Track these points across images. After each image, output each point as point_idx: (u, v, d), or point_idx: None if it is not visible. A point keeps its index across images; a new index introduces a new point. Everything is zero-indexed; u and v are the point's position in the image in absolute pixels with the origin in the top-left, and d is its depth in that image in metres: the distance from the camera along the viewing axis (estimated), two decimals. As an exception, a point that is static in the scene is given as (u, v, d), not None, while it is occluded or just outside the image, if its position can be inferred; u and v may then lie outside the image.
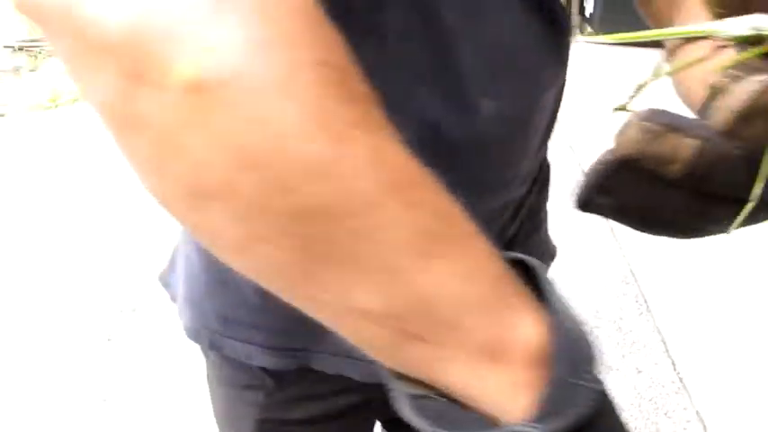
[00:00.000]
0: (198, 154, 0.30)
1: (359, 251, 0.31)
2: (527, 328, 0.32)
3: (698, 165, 0.31)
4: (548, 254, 0.80)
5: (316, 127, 0.30)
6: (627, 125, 0.33)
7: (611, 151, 0.34)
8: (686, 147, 0.31)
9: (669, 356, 2.02)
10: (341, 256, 0.31)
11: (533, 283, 0.34)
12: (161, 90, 0.29)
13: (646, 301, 2.24)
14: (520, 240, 0.70)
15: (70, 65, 0.32)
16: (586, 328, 0.32)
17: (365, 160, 0.31)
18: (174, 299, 0.77)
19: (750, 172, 0.32)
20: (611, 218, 0.38)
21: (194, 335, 0.70)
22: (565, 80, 0.62)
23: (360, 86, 0.33)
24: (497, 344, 0.32)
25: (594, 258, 2.54)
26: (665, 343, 2.07)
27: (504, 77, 0.54)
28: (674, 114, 0.33)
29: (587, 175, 0.35)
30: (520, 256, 0.35)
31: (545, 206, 0.76)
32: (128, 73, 0.29)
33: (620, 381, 1.98)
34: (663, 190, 0.34)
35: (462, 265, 0.32)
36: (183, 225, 0.34)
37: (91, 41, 0.30)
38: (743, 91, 0.30)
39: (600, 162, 0.34)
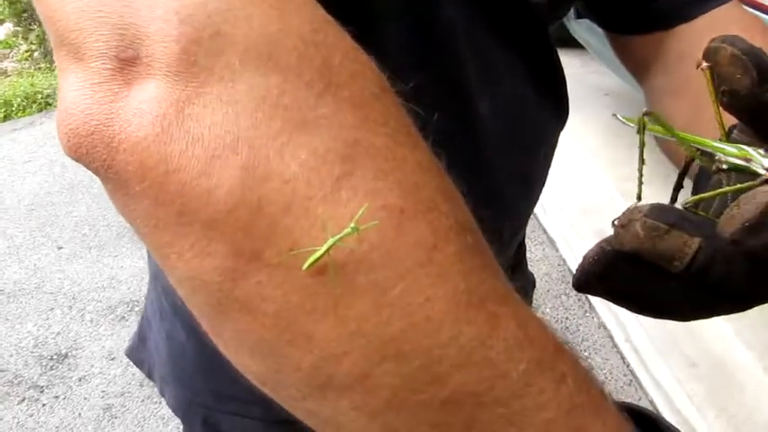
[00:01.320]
0: (329, 343, 0.26)
1: None
2: None
3: (699, 262, 0.31)
4: (530, 283, 0.84)
5: (469, 307, 0.27)
6: (630, 220, 0.32)
7: (609, 241, 0.33)
8: (689, 245, 0.31)
9: (618, 351, 2.07)
10: None
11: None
12: (283, 271, 0.26)
13: (588, 299, 2.29)
14: (516, 276, 0.73)
15: (154, 235, 0.27)
16: None
17: (516, 339, 0.28)
18: (150, 376, 0.73)
19: (752, 274, 0.32)
20: (610, 301, 0.37)
21: (183, 412, 0.67)
22: (558, 136, 0.66)
23: (487, 246, 0.30)
24: None
25: (532, 261, 2.58)
26: (611, 338, 2.12)
27: (514, 132, 0.56)
28: (678, 211, 0.32)
29: (584, 260, 0.34)
30: (639, 408, 0.34)
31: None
32: (240, 251, 0.26)
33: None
34: (662, 281, 0.33)
35: None
36: (293, 411, 0.30)
37: (190, 213, 0.25)
38: (754, 203, 0.29)
39: (597, 252, 0.34)
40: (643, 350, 2.03)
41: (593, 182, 2.84)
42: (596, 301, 2.25)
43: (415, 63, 0.45)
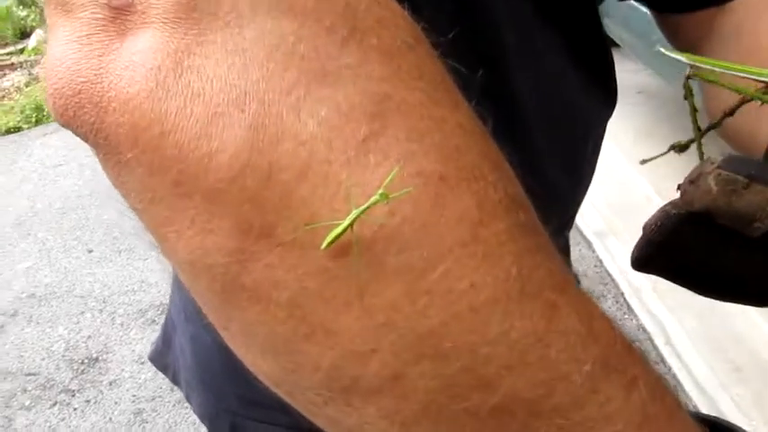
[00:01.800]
0: (353, 338, 0.22)
1: None
2: None
3: None
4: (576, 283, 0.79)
5: (522, 296, 0.23)
6: (701, 174, 0.27)
7: (676, 203, 0.28)
8: None
9: (659, 354, 2.01)
10: None
11: None
12: (298, 251, 0.22)
13: (626, 301, 2.23)
14: None
15: (150, 211, 0.24)
16: None
17: (578, 334, 0.24)
18: (175, 381, 0.69)
19: None
20: (673, 281, 0.32)
21: (210, 419, 0.63)
22: (606, 123, 0.61)
23: (541, 226, 0.26)
24: None
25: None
26: (651, 341, 2.06)
27: (557, 112, 0.52)
28: (756, 162, 0.27)
29: (646, 229, 0.30)
30: (713, 418, 0.30)
31: None
32: (247, 227, 0.22)
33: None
34: (739, 251, 0.28)
35: None
36: (313, 418, 0.26)
37: (188, 182, 0.22)
38: None
39: (661, 217, 0.29)
40: (685, 354, 1.96)
41: (629, 181, 2.77)
42: (635, 303, 2.19)
43: (448, 26, 0.43)
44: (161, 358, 0.71)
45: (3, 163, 4.00)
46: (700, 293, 0.32)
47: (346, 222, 0.21)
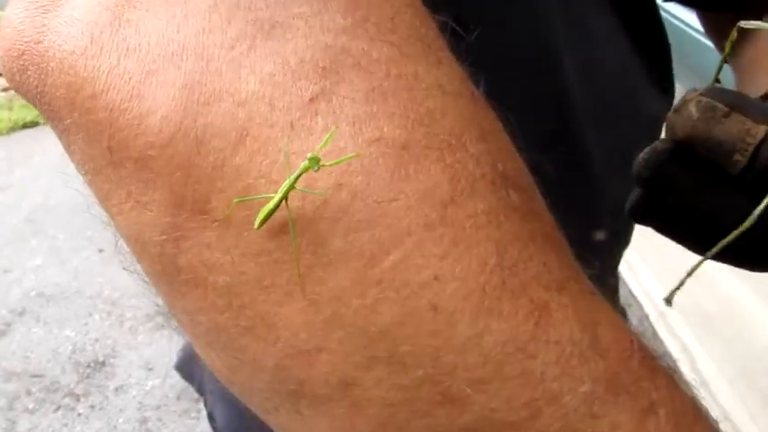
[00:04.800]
0: (296, 334, 0.19)
1: None
2: None
3: (765, 156, 0.25)
4: (623, 315, 0.77)
5: (502, 292, 0.19)
6: (685, 102, 0.27)
7: (663, 138, 0.29)
8: (752, 134, 0.25)
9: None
10: None
11: None
12: (234, 230, 0.19)
13: (651, 324, 2.17)
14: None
15: (95, 184, 0.23)
16: None
17: (576, 344, 0.20)
18: (201, 392, 0.66)
19: None
20: (668, 235, 0.32)
21: None
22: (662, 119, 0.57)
23: (548, 214, 0.23)
24: None
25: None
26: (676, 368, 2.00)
27: (608, 110, 0.49)
28: (738, 93, 0.27)
29: (636, 166, 0.30)
30: None
31: None
32: (180, 200, 0.20)
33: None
34: (724, 192, 0.28)
35: None
36: (272, 426, 0.24)
37: (121, 148, 0.20)
38: None
39: (650, 151, 0.29)
40: (712, 382, 1.89)
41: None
42: (660, 328, 2.13)
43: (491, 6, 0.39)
44: (187, 367, 0.68)
45: (19, 158, 3.99)
46: (689, 246, 0.32)
47: (278, 196, 0.18)
